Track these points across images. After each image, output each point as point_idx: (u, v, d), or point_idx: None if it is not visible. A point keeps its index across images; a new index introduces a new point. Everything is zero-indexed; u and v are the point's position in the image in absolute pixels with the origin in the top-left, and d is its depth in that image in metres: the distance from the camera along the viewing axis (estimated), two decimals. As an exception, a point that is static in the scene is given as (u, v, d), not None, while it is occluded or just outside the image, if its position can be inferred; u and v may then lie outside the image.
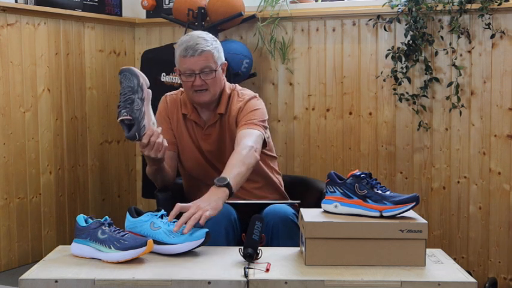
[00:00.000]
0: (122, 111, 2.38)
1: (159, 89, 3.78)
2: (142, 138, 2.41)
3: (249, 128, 2.58)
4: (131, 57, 4.33)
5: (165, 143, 2.48)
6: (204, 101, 2.66)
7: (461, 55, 3.49)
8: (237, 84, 2.82)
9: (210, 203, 2.19)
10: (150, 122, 2.43)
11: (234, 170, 2.37)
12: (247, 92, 2.78)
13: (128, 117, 2.37)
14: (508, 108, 3.44)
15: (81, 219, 2.11)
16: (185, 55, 2.61)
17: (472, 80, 3.49)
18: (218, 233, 2.40)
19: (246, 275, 1.87)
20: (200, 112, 2.74)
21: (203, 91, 2.64)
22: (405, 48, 3.54)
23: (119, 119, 2.39)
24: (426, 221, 2.00)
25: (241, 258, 2.00)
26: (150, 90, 2.42)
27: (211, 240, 2.14)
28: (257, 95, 2.78)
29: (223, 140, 2.72)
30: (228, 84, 2.77)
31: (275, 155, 2.88)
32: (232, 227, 2.47)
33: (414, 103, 3.59)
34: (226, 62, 2.74)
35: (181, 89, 2.79)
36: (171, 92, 2.83)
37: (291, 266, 2.00)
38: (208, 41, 2.64)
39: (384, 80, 3.66)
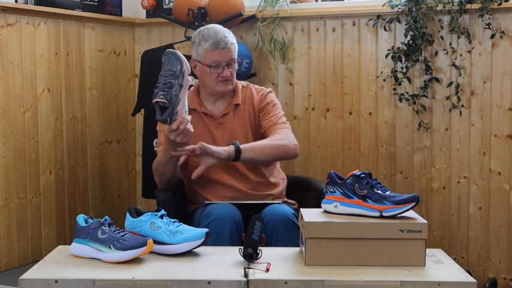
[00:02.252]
0: (160, 93, 2.42)
1: (159, 89, 3.81)
2: (172, 124, 2.45)
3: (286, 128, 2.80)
4: (131, 57, 4.33)
5: (191, 129, 2.52)
6: (228, 90, 2.80)
7: (461, 55, 3.49)
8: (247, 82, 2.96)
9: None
10: (183, 109, 2.47)
11: (255, 144, 2.67)
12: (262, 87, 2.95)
13: (164, 100, 2.41)
14: (508, 108, 3.43)
15: (81, 219, 2.11)
16: (216, 48, 2.73)
17: (472, 80, 3.49)
18: (222, 234, 2.41)
19: (246, 275, 1.87)
20: (212, 104, 2.83)
21: (227, 81, 2.77)
22: (405, 48, 3.54)
23: (155, 100, 2.43)
24: (426, 221, 2.01)
25: (241, 258, 2.00)
26: (189, 78, 2.49)
27: (215, 241, 2.13)
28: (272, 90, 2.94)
29: (236, 128, 2.80)
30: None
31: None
32: (237, 228, 2.47)
33: (414, 103, 3.59)
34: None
35: None
36: None
37: (291, 266, 2.00)
38: (231, 34, 2.81)
39: (384, 80, 3.66)
